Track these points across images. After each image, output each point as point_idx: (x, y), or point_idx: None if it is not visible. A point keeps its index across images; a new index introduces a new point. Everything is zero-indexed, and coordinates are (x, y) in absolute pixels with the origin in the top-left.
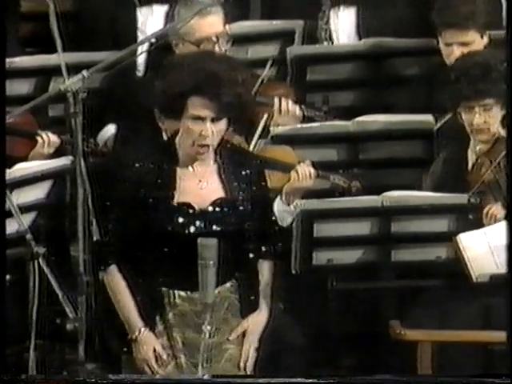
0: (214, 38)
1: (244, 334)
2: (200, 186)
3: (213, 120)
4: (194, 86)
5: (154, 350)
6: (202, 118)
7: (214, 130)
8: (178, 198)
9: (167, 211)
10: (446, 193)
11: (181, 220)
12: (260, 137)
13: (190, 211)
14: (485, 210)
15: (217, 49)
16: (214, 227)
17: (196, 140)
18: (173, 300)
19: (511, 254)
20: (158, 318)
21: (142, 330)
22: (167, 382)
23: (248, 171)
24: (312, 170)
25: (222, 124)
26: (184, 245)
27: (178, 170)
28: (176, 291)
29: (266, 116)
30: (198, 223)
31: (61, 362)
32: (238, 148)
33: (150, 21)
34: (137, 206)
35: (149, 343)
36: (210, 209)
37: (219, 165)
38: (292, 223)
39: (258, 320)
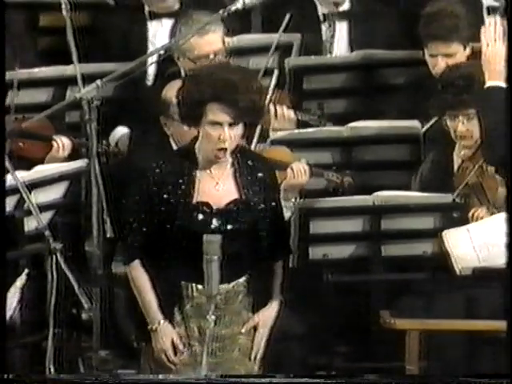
0: (212, 56)
1: (255, 328)
2: (217, 187)
3: (230, 125)
4: (212, 93)
5: (172, 341)
6: (220, 123)
7: (231, 135)
8: (197, 198)
9: (187, 210)
10: (433, 192)
11: (200, 217)
12: (258, 139)
13: (208, 210)
14: (470, 213)
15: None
16: (229, 226)
17: (215, 144)
18: (190, 292)
19: (511, 250)
20: (176, 309)
21: (162, 322)
22: (169, 382)
23: (261, 174)
24: (306, 167)
25: (239, 129)
26: (201, 241)
27: (198, 172)
28: (194, 284)
29: (259, 128)
30: (214, 221)
31: (77, 349)
32: (252, 152)
33: (160, 33)
34: (159, 206)
35: (167, 334)
36: (226, 208)
37: (235, 168)
38: (290, 217)
39: (268, 315)
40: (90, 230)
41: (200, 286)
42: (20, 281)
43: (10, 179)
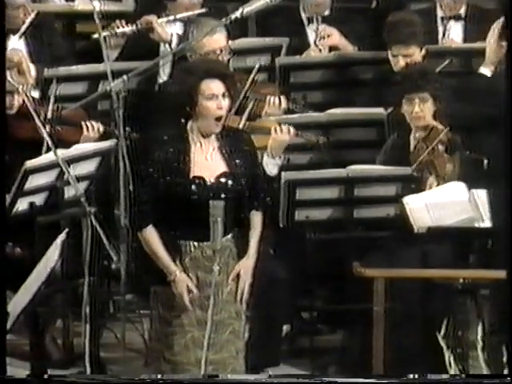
0: (218, 51)
1: (239, 275)
2: (207, 158)
3: (223, 95)
4: (206, 71)
5: (187, 286)
6: (216, 95)
7: (224, 105)
8: (193, 172)
9: (185, 183)
10: (394, 166)
11: (196, 190)
12: (248, 117)
13: (202, 182)
14: (426, 185)
15: (220, 59)
16: (221, 194)
17: (213, 115)
18: (189, 248)
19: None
20: (177, 262)
21: (178, 272)
22: (169, 382)
23: (242, 144)
24: (290, 127)
25: (227, 101)
26: (197, 208)
27: (192, 147)
28: (191, 242)
29: (252, 103)
30: (208, 191)
31: (107, 293)
32: (235, 128)
33: (174, 32)
34: (163, 179)
35: (183, 282)
36: (217, 180)
37: (221, 143)
38: (277, 174)
39: (247, 263)
40: (118, 197)
41: (196, 243)
42: (60, 238)
43: (52, 156)
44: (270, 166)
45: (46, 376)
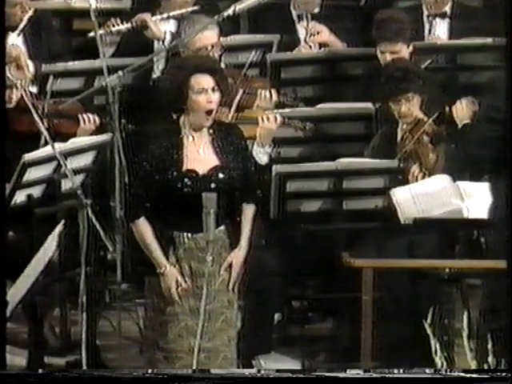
0: (210, 47)
1: (231, 265)
2: (200, 152)
3: (213, 89)
4: (195, 66)
5: (177, 281)
6: (205, 89)
7: (214, 99)
8: (186, 165)
9: (178, 176)
10: (382, 159)
11: (188, 183)
12: (237, 108)
13: (195, 176)
14: (410, 173)
15: (211, 55)
16: (213, 185)
17: (203, 109)
18: (182, 240)
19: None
20: (171, 253)
21: (168, 266)
22: (168, 379)
23: (232, 137)
24: (277, 115)
25: (218, 95)
26: (190, 200)
27: (185, 141)
28: (185, 233)
29: (238, 96)
30: (201, 184)
31: (103, 283)
32: (226, 123)
33: (168, 30)
34: (156, 173)
35: (172, 275)
36: (209, 173)
37: (213, 137)
38: (269, 163)
39: (239, 254)
40: (113, 190)
41: (190, 235)
42: (58, 229)
43: (49, 149)
44: (260, 154)
45: (42, 372)
